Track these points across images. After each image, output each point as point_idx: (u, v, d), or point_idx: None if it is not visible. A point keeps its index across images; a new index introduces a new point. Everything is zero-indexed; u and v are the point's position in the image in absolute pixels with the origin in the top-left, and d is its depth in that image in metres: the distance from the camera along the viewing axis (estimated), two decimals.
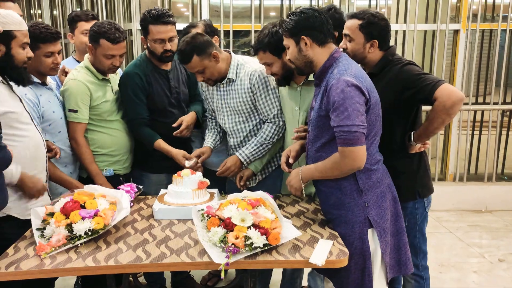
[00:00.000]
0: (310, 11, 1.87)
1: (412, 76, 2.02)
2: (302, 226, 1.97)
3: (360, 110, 1.75)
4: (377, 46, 2.14)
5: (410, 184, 2.16)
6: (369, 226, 1.89)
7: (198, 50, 2.29)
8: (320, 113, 1.87)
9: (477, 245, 3.90)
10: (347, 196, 1.89)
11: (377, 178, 1.91)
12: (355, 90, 1.74)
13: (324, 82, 1.87)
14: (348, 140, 1.75)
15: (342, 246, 1.77)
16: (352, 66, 1.84)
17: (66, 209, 1.80)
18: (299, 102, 2.34)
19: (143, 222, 2.04)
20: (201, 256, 1.69)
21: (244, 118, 2.48)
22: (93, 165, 2.45)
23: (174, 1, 5.05)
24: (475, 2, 4.64)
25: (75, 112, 2.38)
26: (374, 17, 2.12)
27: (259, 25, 4.50)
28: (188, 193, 2.13)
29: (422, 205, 2.22)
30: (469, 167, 5.13)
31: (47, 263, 1.63)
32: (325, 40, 1.88)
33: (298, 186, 1.98)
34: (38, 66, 2.21)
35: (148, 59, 2.59)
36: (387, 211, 1.93)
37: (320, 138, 1.91)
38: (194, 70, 2.36)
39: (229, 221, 1.71)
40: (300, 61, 1.93)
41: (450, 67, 4.88)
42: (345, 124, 1.74)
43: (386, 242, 1.92)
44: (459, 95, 1.93)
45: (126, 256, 1.69)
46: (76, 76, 2.42)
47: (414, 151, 2.15)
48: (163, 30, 2.44)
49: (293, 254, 1.69)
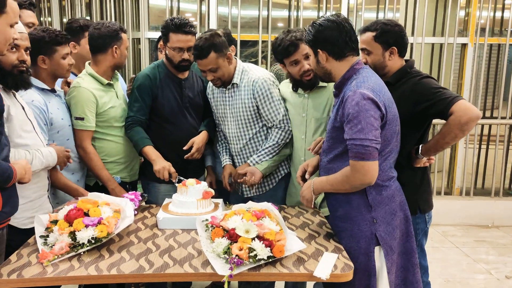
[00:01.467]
0: (328, 23, 1.82)
1: (429, 89, 2.00)
2: (307, 239, 1.95)
3: (374, 125, 1.71)
4: (397, 53, 2.12)
5: (412, 198, 2.12)
6: (377, 243, 1.85)
7: (215, 48, 2.33)
8: (335, 124, 1.84)
9: (484, 261, 3.85)
10: (354, 210, 1.86)
11: (388, 195, 1.87)
12: (370, 104, 1.71)
13: (343, 93, 1.84)
14: (359, 154, 1.72)
15: (347, 259, 1.74)
16: (372, 79, 1.80)
17: (70, 216, 1.79)
18: (306, 109, 2.35)
19: (147, 231, 2.03)
20: (204, 267, 1.67)
21: (246, 124, 2.50)
22: (104, 171, 2.44)
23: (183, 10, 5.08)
24: (483, 16, 4.64)
25: (82, 119, 2.38)
26: (387, 25, 2.10)
27: (266, 35, 4.52)
28: (193, 203, 2.12)
29: (423, 220, 2.20)
30: (476, 181, 5.09)
31: (49, 271, 1.62)
32: (342, 54, 1.84)
33: (309, 197, 1.97)
34: (55, 70, 2.22)
35: (164, 65, 2.61)
36: (396, 229, 1.89)
37: (334, 150, 1.88)
38: (207, 67, 2.37)
39: (233, 232, 1.70)
40: (319, 71, 1.93)
41: (457, 81, 4.87)
42: (358, 137, 1.71)
43: (393, 260, 1.87)
44: (476, 112, 1.90)
45: (129, 266, 1.67)
46: (80, 83, 2.42)
47: (419, 165, 2.14)
48: (183, 39, 2.47)
49: (297, 267, 1.67)
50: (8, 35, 1.69)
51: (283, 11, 5.13)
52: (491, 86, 5.14)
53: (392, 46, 2.10)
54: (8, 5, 1.65)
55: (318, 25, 1.84)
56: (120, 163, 2.55)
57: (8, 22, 1.68)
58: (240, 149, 2.57)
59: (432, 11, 4.99)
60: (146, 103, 2.53)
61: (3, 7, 1.64)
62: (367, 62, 2.13)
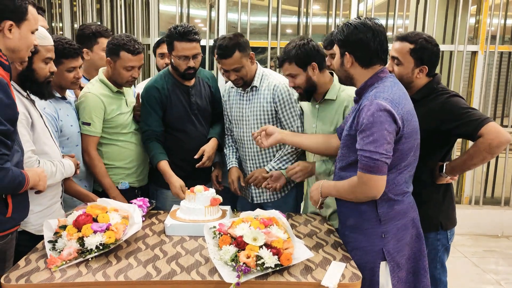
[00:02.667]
0: (364, 28, 1.74)
1: (458, 109, 1.95)
2: (315, 247, 1.94)
3: (387, 138, 1.65)
4: (426, 72, 2.05)
5: (434, 214, 2.10)
6: (383, 258, 1.81)
7: (240, 47, 2.36)
8: (350, 132, 1.79)
9: (493, 271, 3.80)
10: (365, 221, 1.83)
11: (401, 210, 1.82)
12: (386, 116, 1.65)
13: (361, 100, 1.79)
14: (368, 166, 1.68)
15: (355, 269, 1.73)
16: (393, 89, 1.73)
17: (79, 222, 1.80)
18: (316, 120, 2.33)
19: (155, 238, 2.03)
20: (211, 274, 1.67)
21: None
22: (107, 178, 2.45)
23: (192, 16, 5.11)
24: (494, 24, 4.61)
25: (88, 125, 2.40)
26: (428, 43, 2.02)
27: (275, 42, 4.53)
28: (201, 210, 2.12)
29: (445, 236, 2.16)
30: (486, 190, 5.03)
31: (57, 276, 1.62)
32: (370, 63, 1.78)
33: (317, 198, 1.96)
34: (60, 81, 2.23)
35: (170, 74, 2.61)
36: (406, 246, 1.85)
37: (346, 158, 1.84)
38: (232, 67, 2.38)
39: (241, 239, 1.69)
40: (341, 73, 1.87)
41: (467, 89, 4.84)
42: (368, 149, 1.66)
43: (399, 278, 1.82)
44: (507, 136, 1.87)
45: (136, 272, 1.67)
46: (90, 89, 2.45)
47: (442, 182, 2.10)
48: (188, 47, 2.45)
49: (305, 276, 1.66)
50: (30, 42, 1.74)
51: (292, 17, 5.13)
52: (501, 94, 5.09)
53: (424, 65, 2.04)
54: (29, 12, 1.70)
55: (353, 26, 1.75)
56: (128, 168, 2.56)
57: (30, 29, 1.72)
58: (255, 153, 2.55)
59: (442, 18, 4.97)
60: (158, 115, 2.54)
61: (25, 14, 1.68)
62: (393, 71, 2.05)
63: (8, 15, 1.64)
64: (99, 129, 2.44)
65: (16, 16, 1.66)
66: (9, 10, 1.64)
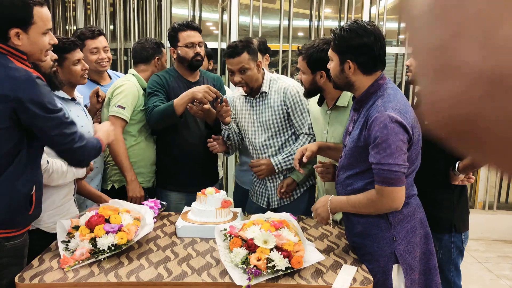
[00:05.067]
0: (366, 33, 1.67)
1: None
2: (325, 250, 1.93)
3: (403, 149, 1.63)
4: None
5: (448, 216, 2.08)
6: (395, 261, 1.79)
7: (249, 49, 2.39)
8: (358, 143, 1.75)
9: (508, 277, 3.74)
10: (374, 227, 1.81)
11: (409, 212, 1.81)
12: (399, 127, 1.62)
13: (365, 109, 1.74)
14: (388, 179, 1.65)
15: (366, 273, 1.72)
16: (397, 98, 1.70)
17: (91, 223, 1.82)
18: (327, 126, 2.32)
19: (166, 239, 2.04)
20: (222, 276, 1.67)
21: (274, 133, 2.48)
22: (128, 160, 2.52)
23: (204, 19, 5.13)
24: None
25: (123, 108, 2.49)
26: None
27: (287, 45, 4.53)
28: (212, 212, 2.13)
29: (459, 239, 2.14)
30: (500, 195, 4.96)
31: (70, 276, 1.64)
32: (374, 69, 1.74)
33: (326, 216, 1.89)
34: (69, 78, 2.22)
35: (175, 70, 2.68)
36: (416, 248, 1.83)
37: (354, 167, 1.81)
38: (237, 67, 2.38)
39: (252, 242, 1.69)
40: (340, 80, 1.80)
41: None
42: (386, 162, 1.63)
43: (412, 280, 1.80)
44: None
45: (148, 273, 1.68)
46: (130, 79, 2.59)
47: (457, 182, 2.07)
48: (193, 34, 2.59)
49: (316, 279, 1.66)
50: (42, 44, 1.73)
51: (304, 20, 5.13)
52: None
53: None
54: (35, 15, 1.68)
55: (355, 30, 1.68)
56: (137, 167, 2.61)
57: (39, 32, 1.71)
58: (268, 157, 2.54)
59: None
60: (163, 96, 2.58)
61: (30, 18, 1.67)
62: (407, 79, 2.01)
63: (12, 23, 1.64)
64: (129, 115, 2.53)
65: (21, 22, 1.65)
66: (11, 19, 1.64)
